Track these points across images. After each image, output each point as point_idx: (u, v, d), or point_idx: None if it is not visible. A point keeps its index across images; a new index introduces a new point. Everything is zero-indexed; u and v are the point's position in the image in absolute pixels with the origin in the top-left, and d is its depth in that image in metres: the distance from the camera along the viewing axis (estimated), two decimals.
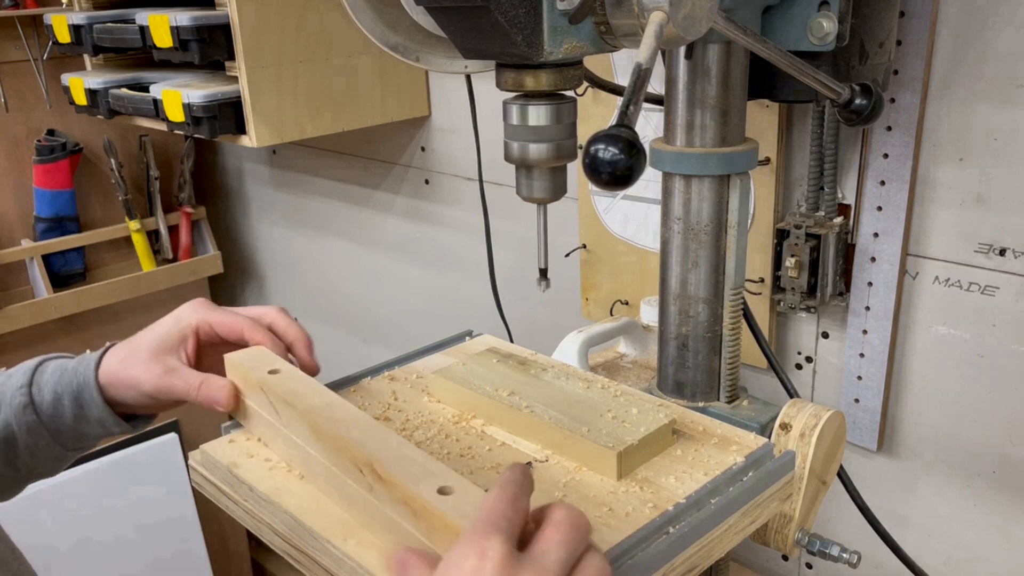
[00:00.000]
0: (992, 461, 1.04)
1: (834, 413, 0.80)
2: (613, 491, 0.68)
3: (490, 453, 0.75)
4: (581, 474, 0.71)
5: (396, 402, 0.84)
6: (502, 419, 0.79)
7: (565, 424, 0.74)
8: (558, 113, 0.68)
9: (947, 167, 0.98)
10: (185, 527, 2.10)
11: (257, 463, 0.75)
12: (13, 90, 2.00)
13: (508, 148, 0.70)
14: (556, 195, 0.72)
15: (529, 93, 0.67)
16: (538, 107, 0.68)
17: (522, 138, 0.69)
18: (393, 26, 0.83)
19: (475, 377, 0.83)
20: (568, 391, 0.80)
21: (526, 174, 0.71)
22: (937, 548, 1.12)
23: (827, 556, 0.82)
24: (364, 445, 0.64)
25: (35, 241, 2.04)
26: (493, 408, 0.79)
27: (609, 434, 0.72)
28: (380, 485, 0.62)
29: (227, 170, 2.26)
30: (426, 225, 1.72)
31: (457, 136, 1.58)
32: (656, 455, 0.73)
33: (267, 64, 1.39)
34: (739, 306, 0.87)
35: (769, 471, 0.71)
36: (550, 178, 0.71)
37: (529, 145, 0.69)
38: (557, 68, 0.66)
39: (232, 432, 0.80)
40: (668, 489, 0.68)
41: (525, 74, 0.66)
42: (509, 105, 0.69)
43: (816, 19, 0.77)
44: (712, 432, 0.76)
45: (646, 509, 0.66)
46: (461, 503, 0.57)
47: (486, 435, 0.78)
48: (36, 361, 0.85)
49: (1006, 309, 0.98)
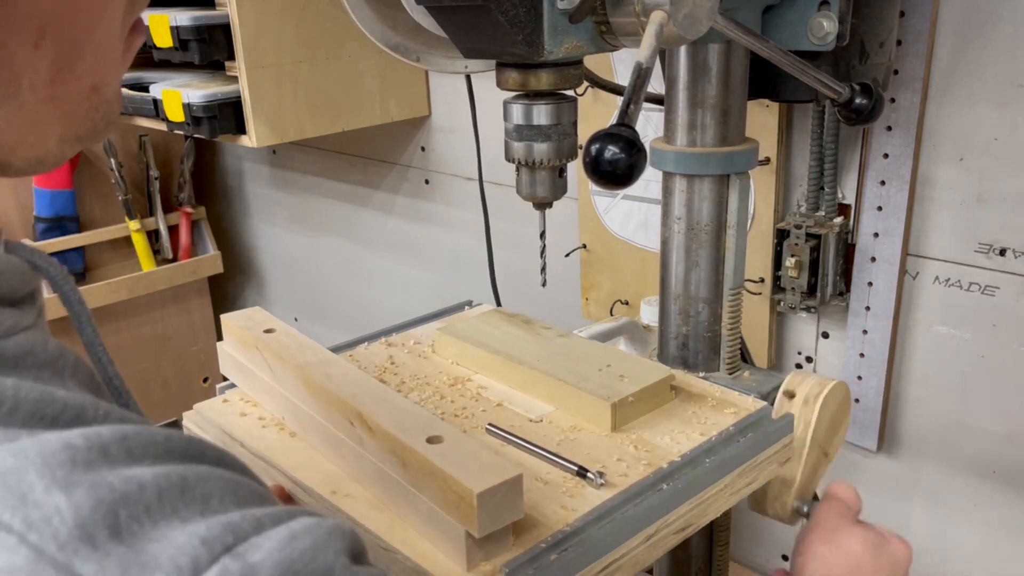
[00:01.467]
0: (992, 461, 1.04)
1: (839, 383, 0.80)
2: (608, 449, 0.69)
3: (484, 414, 0.75)
4: (576, 433, 0.72)
5: (392, 366, 0.84)
6: (502, 373, 0.79)
7: (562, 377, 0.74)
8: (558, 112, 0.68)
9: (947, 167, 0.98)
10: None
11: (250, 421, 0.75)
12: None
13: (508, 147, 0.71)
14: (556, 195, 0.72)
15: (530, 93, 0.68)
16: (539, 106, 0.68)
17: (523, 138, 0.69)
18: (393, 26, 0.83)
19: (478, 333, 0.84)
20: (569, 348, 0.81)
21: (527, 173, 0.71)
22: (937, 548, 1.12)
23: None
24: (355, 397, 0.64)
25: (35, 241, 2.04)
26: (494, 362, 0.80)
27: (605, 386, 0.73)
28: (370, 436, 0.62)
29: (227, 170, 2.26)
30: (426, 225, 1.72)
31: (457, 136, 1.58)
32: (652, 410, 0.74)
33: (267, 64, 1.39)
34: (739, 306, 0.87)
35: (767, 433, 0.72)
36: (550, 177, 0.71)
37: (530, 145, 0.69)
38: (557, 68, 0.66)
39: (227, 392, 0.81)
40: (663, 448, 0.69)
41: (526, 74, 0.66)
42: (510, 104, 0.69)
43: (816, 19, 0.77)
44: (710, 394, 0.77)
45: (640, 466, 0.66)
46: (450, 452, 0.57)
47: (481, 397, 0.78)
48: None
49: (1006, 309, 0.98)
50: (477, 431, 0.72)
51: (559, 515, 0.61)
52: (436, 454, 0.56)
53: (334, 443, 0.67)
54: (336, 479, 0.66)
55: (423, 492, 0.57)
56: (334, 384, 0.66)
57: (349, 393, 0.65)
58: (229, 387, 0.81)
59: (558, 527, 0.59)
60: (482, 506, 0.53)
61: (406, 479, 0.59)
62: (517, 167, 0.71)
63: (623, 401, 0.72)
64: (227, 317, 0.79)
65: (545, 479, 0.65)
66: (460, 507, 0.54)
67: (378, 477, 0.62)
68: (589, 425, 0.73)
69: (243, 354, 0.77)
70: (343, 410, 0.64)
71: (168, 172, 2.21)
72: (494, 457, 0.57)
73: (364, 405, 0.63)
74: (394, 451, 0.59)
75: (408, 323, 0.93)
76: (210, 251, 2.22)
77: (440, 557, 0.57)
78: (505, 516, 0.55)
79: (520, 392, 0.78)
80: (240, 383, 0.80)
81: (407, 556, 0.58)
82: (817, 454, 0.80)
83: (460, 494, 0.54)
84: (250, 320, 0.79)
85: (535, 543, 0.58)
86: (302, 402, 0.70)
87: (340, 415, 0.65)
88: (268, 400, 0.76)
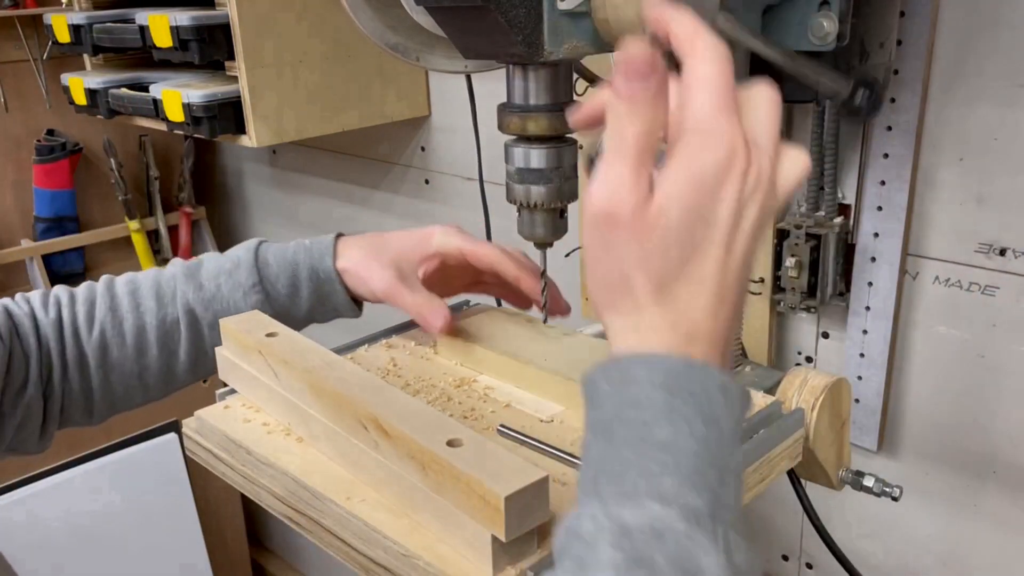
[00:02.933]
0: (992, 461, 1.04)
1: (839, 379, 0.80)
2: None
3: (494, 415, 0.74)
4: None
5: (395, 368, 0.83)
6: (511, 374, 0.79)
7: (572, 376, 0.74)
8: (559, 156, 0.69)
9: (947, 167, 0.98)
10: (185, 527, 2.10)
11: (254, 427, 0.73)
12: (13, 90, 2.00)
13: (510, 189, 0.72)
14: (557, 235, 0.74)
15: (530, 136, 0.68)
16: (539, 150, 0.69)
17: (523, 180, 0.70)
18: (393, 26, 0.82)
19: (483, 333, 0.84)
20: (576, 346, 0.81)
21: (527, 214, 0.73)
22: (937, 548, 1.12)
23: (866, 489, 0.82)
24: (367, 401, 0.63)
25: (35, 241, 2.04)
26: (502, 363, 0.79)
27: None
28: (386, 440, 0.60)
29: (227, 170, 2.26)
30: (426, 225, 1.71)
31: (457, 136, 1.58)
32: None
33: (267, 64, 1.39)
34: None
35: (779, 428, 0.72)
36: (550, 219, 0.73)
37: (530, 188, 0.70)
38: (558, 112, 0.67)
39: (227, 398, 0.79)
40: None
41: (525, 118, 0.67)
42: (511, 147, 0.70)
43: (816, 19, 0.77)
44: None
45: None
46: (471, 455, 0.56)
47: (489, 398, 0.77)
48: (252, 256, 0.88)
49: (1006, 309, 0.98)
50: (488, 432, 0.71)
51: None
52: (458, 457, 0.55)
53: (346, 448, 0.65)
54: (349, 484, 0.65)
55: (445, 496, 0.56)
56: (344, 388, 0.65)
57: (361, 396, 0.64)
58: (229, 393, 0.79)
59: None
60: (509, 509, 0.52)
61: (426, 483, 0.58)
62: (518, 208, 0.72)
63: None
64: (226, 321, 0.78)
65: (563, 480, 0.64)
66: (485, 511, 0.53)
67: (395, 482, 0.61)
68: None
69: (244, 358, 0.76)
70: (356, 414, 0.63)
71: (168, 172, 2.21)
72: (518, 459, 0.56)
73: (378, 408, 0.62)
74: (412, 455, 0.58)
75: (408, 324, 0.92)
76: (210, 251, 2.22)
77: (463, 562, 0.56)
78: (532, 519, 0.54)
79: (529, 392, 0.78)
80: (241, 388, 0.78)
81: (429, 562, 0.57)
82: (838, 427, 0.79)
83: (485, 497, 0.53)
84: (250, 324, 0.77)
85: None
86: (310, 407, 0.68)
87: (352, 419, 0.64)
88: (272, 405, 0.74)
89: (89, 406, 0.85)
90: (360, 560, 0.62)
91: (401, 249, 0.86)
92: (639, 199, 0.45)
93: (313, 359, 0.70)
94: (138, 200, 2.17)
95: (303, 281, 0.88)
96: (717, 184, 0.45)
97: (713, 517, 0.42)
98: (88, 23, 1.59)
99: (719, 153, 0.45)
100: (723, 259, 0.46)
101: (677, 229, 0.45)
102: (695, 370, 0.45)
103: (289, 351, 0.72)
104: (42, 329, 0.82)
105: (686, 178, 0.45)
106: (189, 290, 0.85)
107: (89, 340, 0.83)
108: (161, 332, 0.85)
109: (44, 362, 0.81)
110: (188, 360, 0.86)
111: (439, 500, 0.57)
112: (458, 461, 0.55)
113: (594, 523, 0.42)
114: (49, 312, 0.83)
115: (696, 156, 0.45)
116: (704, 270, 0.46)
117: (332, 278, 0.87)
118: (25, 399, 0.79)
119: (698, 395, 0.44)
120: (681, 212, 0.45)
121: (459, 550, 0.57)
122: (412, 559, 0.58)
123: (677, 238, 0.45)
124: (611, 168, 0.46)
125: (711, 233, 0.45)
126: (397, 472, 0.60)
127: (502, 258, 0.84)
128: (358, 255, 0.87)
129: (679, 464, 0.42)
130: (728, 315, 0.47)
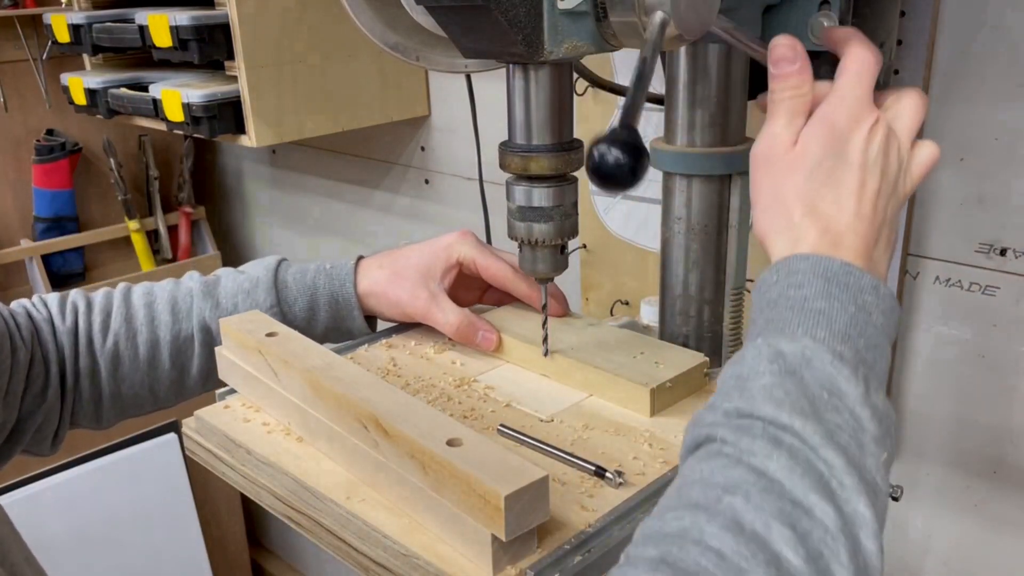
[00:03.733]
0: (992, 461, 1.04)
1: None
2: (622, 448, 0.69)
3: (494, 415, 0.74)
4: (589, 433, 0.72)
5: (395, 368, 0.83)
6: (535, 362, 0.80)
7: (599, 364, 0.75)
8: (560, 194, 0.70)
9: (947, 167, 0.98)
10: (185, 527, 2.10)
11: (254, 427, 0.74)
12: (12, 90, 2.00)
13: (511, 226, 0.73)
14: (558, 271, 0.75)
15: (532, 176, 0.69)
16: (540, 189, 0.70)
17: (525, 218, 0.71)
18: (393, 26, 0.82)
19: (507, 324, 0.85)
20: (601, 336, 0.82)
21: (528, 251, 0.74)
22: (937, 548, 1.12)
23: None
24: (367, 400, 0.63)
25: (34, 241, 2.04)
26: (527, 351, 0.80)
27: (643, 372, 0.74)
28: (386, 440, 0.61)
29: (227, 170, 2.26)
30: (426, 225, 1.72)
31: (457, 136, 1.58)
32: (688, 395, 0.75)
33: (267, 64, 1.39)
34: (740, 306, 0.87)
35: None
36: (552, 255, 0.74)
37: (531, 225, 0.71)
38: (559, 153, 0.68)
39: (227, 398, 0.79)
40: (678, 445, 0.68)
41: (527, 159, 0.68)
42: (512, 186, 0.71)
43: (817, 19, 0.77)
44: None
45: (657, 464, 0.67)
46: (471, 454, 0.56)
47: (489, 397, 0.77)
48: (271, 277, 0.87)
49: (1007, 309, 0.98)
50: (488, 432, 0.71)
51: (580, 516, 0.60)
52: (458, 457, 0.56)
53: (346, 448, 0.65)
54: (349, 484, 0.65)
55: (445, 495, 0.56)
56: (345, 387, 0.65)
57: (361, 396, 0.64)
58: (229, 392, 0.79)
59: (580, 528, 0.59)
60: (509, 509, 0.52)
61: (426, 483, 0.58)
62: (520, 244, 0.73)
63: (662, 387, 0.73)
64: (226, 321, 0.78)
65: (563, 480, 0.65)
66: (485, 510, 0.53)
67: (395, 481, 0.61)
68: (627, 410, 0.74)
69: (244, 358, 0.76)
70: (356, 414, 0.63)
71: (168, 172, 2.21)
72: (518, 459, 0.56)
73: (378, 408, 0.62)
74: (412, 454, 0.58)
75: (408, 324, 0.92)
76: (209, 251, 2.22)
77: (463, 561, 0.57)
78: (532, 519, 0.55)
79: (555, 381, 0.79)
80: (241, 388, 0.78)
81: (428, 561, 0.57)
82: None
83: (485, 497, 0.53)
84: (251, 323, 0.77)
85: (559, 545, 0.57)
86: (310, 407, 0.68)
87: (352, 419, 0.64)
88: (272, 405, 0.74)
89: (99, 412, 0.85)
90: (360, 560, 0.62)
91: (422, 265, 0.87)
92: (787, 143, 0.59)
93: (313, 359, 0.70)
94: (138, 200, 2.17)
95: (321, 307, 0.88)
96: (848, 131, 0.57)
97: (856, 364, 0.51)
98: (88, 23, 1.59)
99: (850, 110, 0.58)
100: (858, 190, 0.57)
101: (817, 162, 0.57)
102: (849, 268, 0.55)
103: (289, 351, 0.72)
104: (59, 336, 0.82)
105: (822, 126, 0.58)
106: (206, 307, 0.85)
107: (103, 350, 0.83)
108: (175, 347, 0.85)
109: (60, 367, 0.82)
110: (200, 374, 0.87)
111: (439, 500, 0.57)
112: (458, 461, 0.55)
113: (754, 350, 0.53)
114: (67, 319, 0.83)
115: (831, 111, 0.58)
116: (842, 194, 0.57)
117: (351, 304, 0.87)
118: (47, 402, 0.80)
119: (851, 287, 0.54)
120: (819, 149, 0.57)
121: (459, 549, 0.57)
122: (412, 559, 0.58)
123: (818, 169, 0.57)
124: (768, 126, 0.60)
125: (845, 168, 0.57)
126: (397, 472, 0.60)
127: (514, 279, 0.86)
128: (382, 276, 0.87)
129: (832, 325, 0.52)
130: (866, 232, 0.57)
